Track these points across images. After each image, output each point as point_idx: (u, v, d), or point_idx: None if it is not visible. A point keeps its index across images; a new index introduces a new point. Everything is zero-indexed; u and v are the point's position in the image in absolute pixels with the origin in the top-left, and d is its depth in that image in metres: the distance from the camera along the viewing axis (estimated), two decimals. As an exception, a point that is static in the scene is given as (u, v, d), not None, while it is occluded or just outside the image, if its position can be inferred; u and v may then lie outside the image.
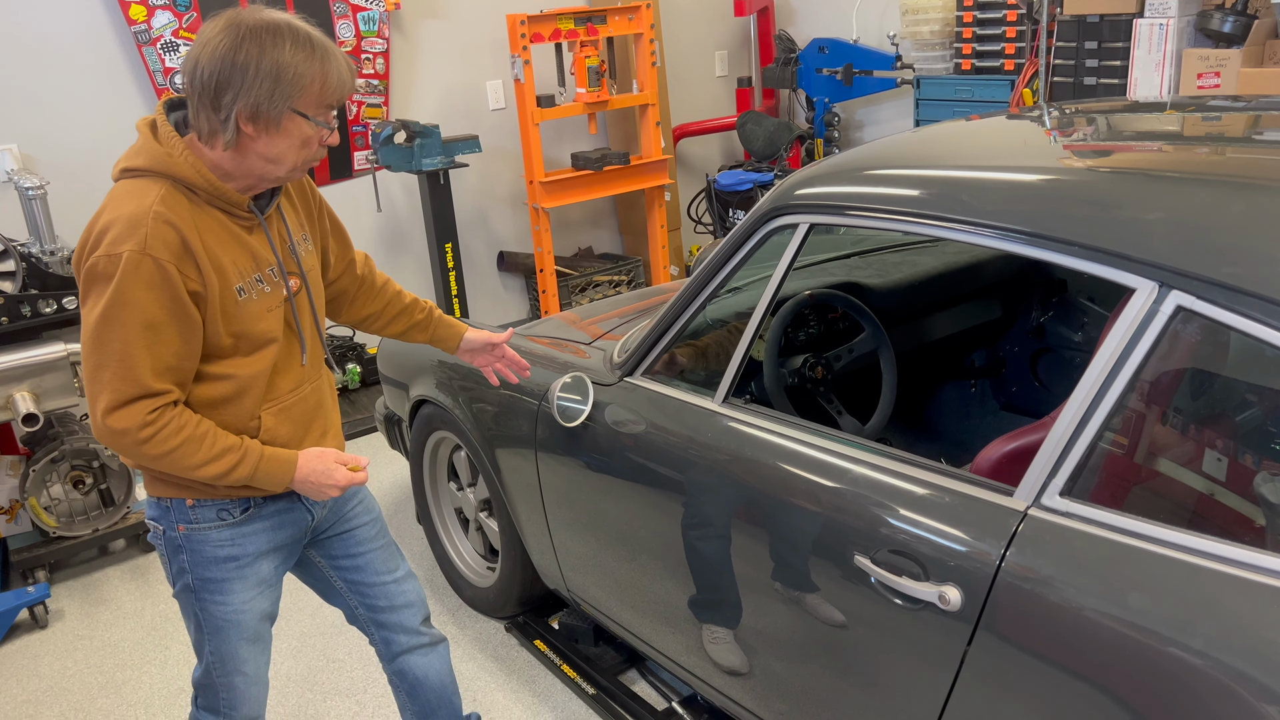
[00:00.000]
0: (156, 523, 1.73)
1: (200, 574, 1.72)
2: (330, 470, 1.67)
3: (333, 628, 2.90)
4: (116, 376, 1.49)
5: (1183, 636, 1.19)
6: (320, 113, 1.56)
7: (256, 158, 1.55)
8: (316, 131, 1.57)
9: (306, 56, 1.51)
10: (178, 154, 1.53)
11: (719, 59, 5.75)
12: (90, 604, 3.15)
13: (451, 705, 2.09)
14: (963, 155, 1.81)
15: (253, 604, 1.77)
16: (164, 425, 1.53)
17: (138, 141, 1.59)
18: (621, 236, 5.64)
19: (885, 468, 1.57)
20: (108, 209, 1.54)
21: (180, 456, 1.55)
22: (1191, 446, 1.40)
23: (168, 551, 1.74)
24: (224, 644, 1.78)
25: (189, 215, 1.53)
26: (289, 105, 1.51)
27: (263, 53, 1.49)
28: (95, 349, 1.50)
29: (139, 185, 1.54)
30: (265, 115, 1.51)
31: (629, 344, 2.21)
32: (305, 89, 1.52)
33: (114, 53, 3.98)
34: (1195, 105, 2.01)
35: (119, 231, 1.48)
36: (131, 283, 1.47)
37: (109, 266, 1.47)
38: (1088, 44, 3.82)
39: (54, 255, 3.20)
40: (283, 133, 1.54)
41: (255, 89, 1.49)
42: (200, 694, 1.85)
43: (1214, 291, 1.25)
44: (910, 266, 2.71)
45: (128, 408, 1.51)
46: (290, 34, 1.51)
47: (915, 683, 1.51)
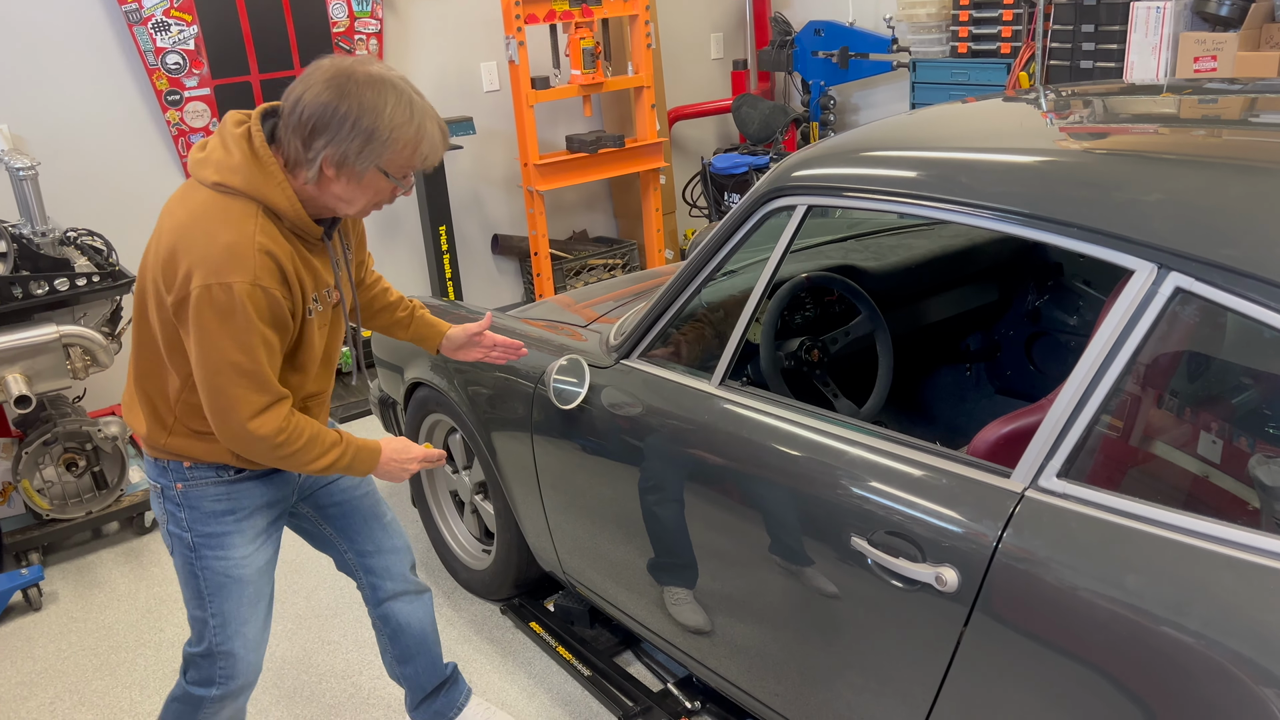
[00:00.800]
0: (155, 481, 1.80)
1: (200, 529, 1.77)
2: (407, 447, 1.83)
3: (328, 610, 2.90)
4: (250, 389, 1.59)
5: (1179, 617, 1.20)
6: (403, 174, 1.62)
7: (331, 196, 1.62)
8: (391, 187, 1.63)
9: (404, 122, 1.56)
10: (279, 181, 1.58)
11: (714, 41, 5.73)
12: (84, 586, 3.14)
13: (431, 652, 2.19)
14: (961, 137, 1.80)
15: (251, 558, 1.82)
16: (293, 428, 1.65)
17: (234, 153, 1.58)
18: (616, 220, 5.63)
19: (882, 449, 1.57)
20: (204, 229, 1.55)
21: (303, 453, 1.67)
22: (1189, 428, 1.41)
23: (167, 510, 1.79)
24: (226, 601, 1.81)
25: (282, 243, 1.60)
26: (375, 163, 1.57)
27: (363, 109, 1.53)
28: (220, 368, 1.57)
29: (233, 208, 1.57)
30: (351, 166, 1.57)
31: (625, 326, 2.20)
32: (396, 153, 1.57)
33: (105, 32, 3.94)
34: (1192, 88, 2.00)
35: (225, 261, 1.53)
36: (249, 310, 1.54)
37: (223, 295, 1.53)
38: (1084, 27, 3.81)
39: (45, 236, 3.18)
40: (363, 184, 1.60)
41: (348, 142, 1.54)
42: (192, 667, 1.87)
43: (1213, 273, 1.25)
44: (906, 250, 2.71)
45: (267, 413, 1.61)
46: (394, 95, 1.55)
47: (911, 663, 1.52)
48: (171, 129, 4.12)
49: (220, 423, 1.62)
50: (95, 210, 3.99)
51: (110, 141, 4.04)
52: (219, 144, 1.61)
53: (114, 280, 3.13)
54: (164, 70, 4.03)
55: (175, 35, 4.01)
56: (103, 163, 4.04)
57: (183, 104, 4.11)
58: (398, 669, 2.20)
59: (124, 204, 4.10)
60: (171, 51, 4.02)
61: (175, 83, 4.07)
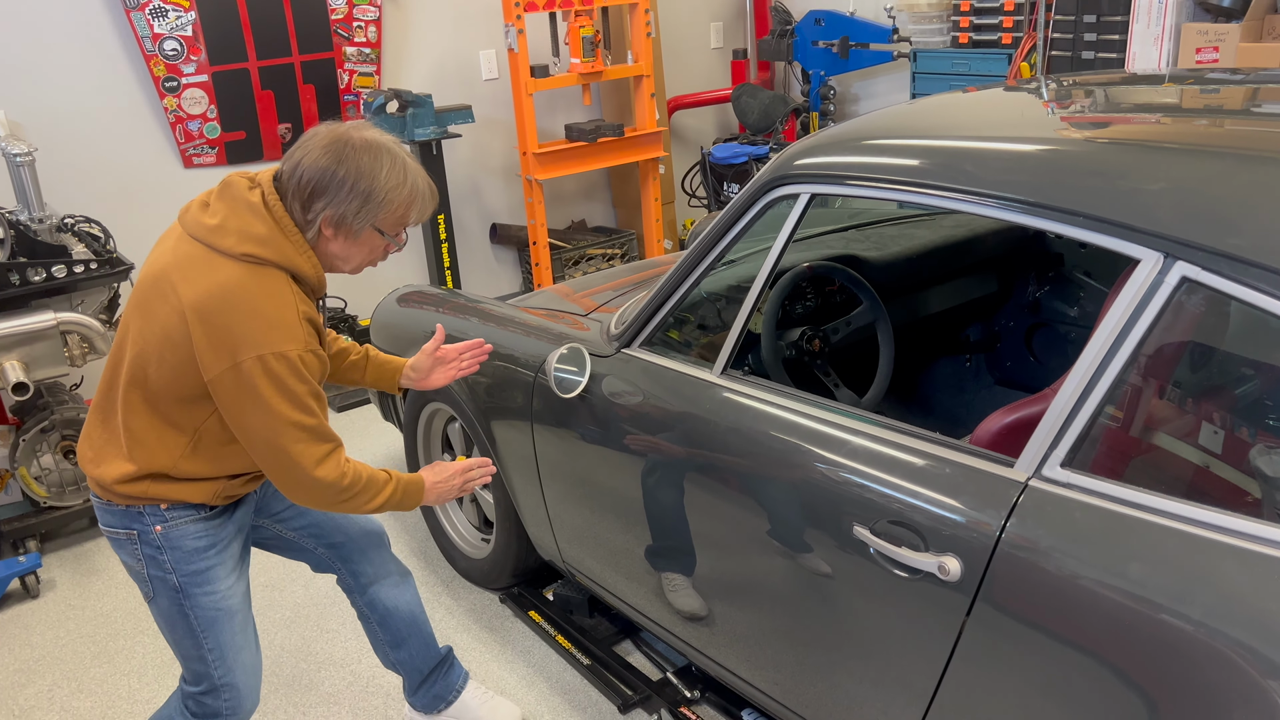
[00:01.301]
0: (128, 530, 1.75)
1: (184, 568, 1.77)
2: (445, 468, 1.90)
3: (326, 599, 2.90)
4: (311, 442, 1.66)
5: (1182, 606, 1.20)
6: (396, 231, 1.72)
7: (329, 255, 1.71)
8: (386, 244, 1.72)
9: (399, 184, 1.66)
10: (304, 252, 1.66)
11: (714, 31, 5.70)
12: (82, 574, 3.14)
13: (423, 632, 2.20)
14: (965, 126, 1.79)
15: (235, 586, 1.84)
16: (354, 472, 1.73)
17: (257, 226, 1.63)
18: (615, 209, 5.61)
19: (885, 438, 1.57)
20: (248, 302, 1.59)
21: (363, 494, 1.74)
22: (1192, 419, 1.41)
23: (144, 555, 1.76)
24: (221, 634, 1.82)
25: (308, 305, 1.69)
26: (371, 222, 1.66)
27: (359, 174, 1.62)
28: (281, 430, 1.63)
29: (267, 281, 1.62)
30: (348, 226, 1.66)
31: (626, 315, 2.20)
32: (391, 212, 1.67)
33: (102, 18, 3.91)
34: (1194, 78, 2.00)
35: (275, 333, 1.60)
36: (304, 372, 1.63)
37: (279, 365, 1.60)
38: (1086, 18, 3.80)
39: (43, 223, 3.16)
40: (359, 242, 1.70)
41: (346, 203, 1.63)
42: (194, 702, 1.86)
43: (1219, 262, 1.25)
44: (907, 240, 2.70)
45: (328, 461, 1.69)
46: (389, 159, 1.65)
47: (913, 653, 1.52)
48: (169, 115, 4.10)
49: (284, 478, 1.69)
50: (92, 197, 3.97)
51: (107, 128, 4.02)
52: (232, 211, 1.64)
53: (111, 267, 3.12)
54: (161, 57, 4.01)
55: (173, 21, 3.99)
56: (100, 149, 4.02)
57: (180, 90, 4.09)
58: (392, 655, 2.20)
59: (121, 191, 4.08)
60: (169, 38, 4.00)
61: (173, 69, 4.05)
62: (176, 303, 1.60)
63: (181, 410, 1.67)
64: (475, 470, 1.93)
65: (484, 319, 2.62)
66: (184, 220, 1.68)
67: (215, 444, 1.71)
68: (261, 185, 1.67)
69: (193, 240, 1.64)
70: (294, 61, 4.30)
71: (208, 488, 1.75)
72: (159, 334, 1.63)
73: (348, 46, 4.42)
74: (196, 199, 1.70)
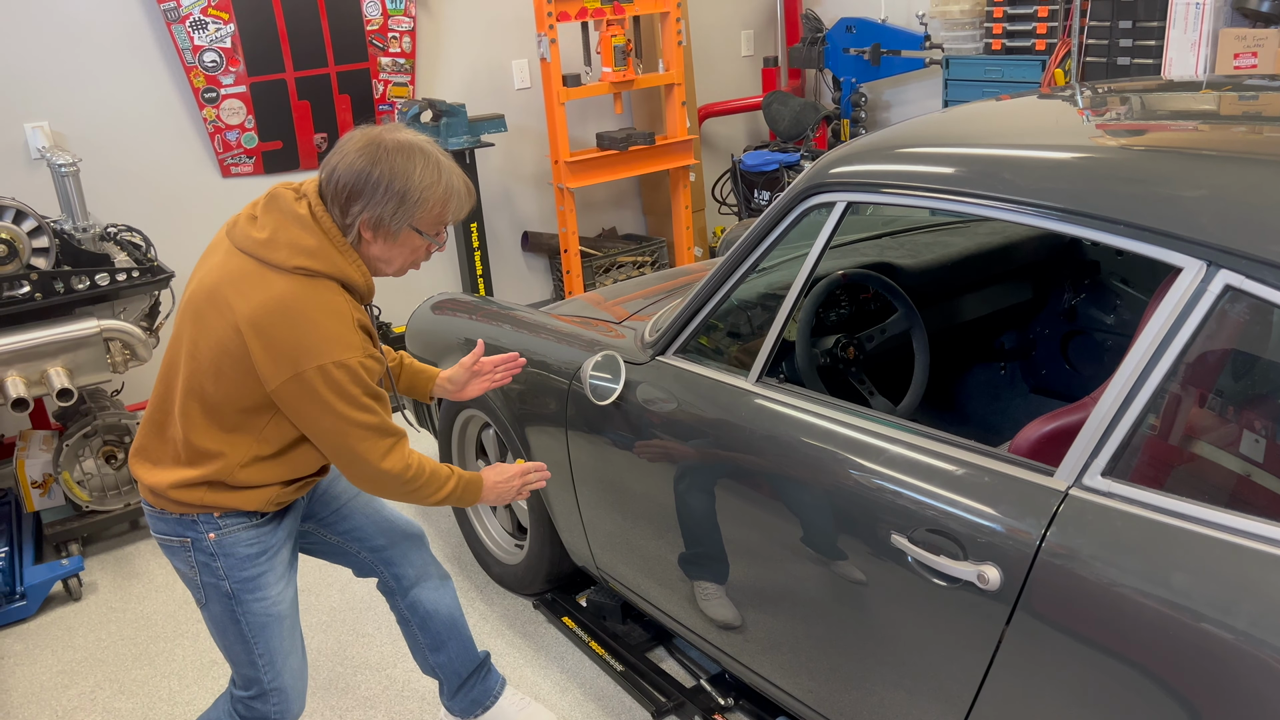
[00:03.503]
0: (181, 537, 1.78)
1: (237, 575, 1.80)
2: (503, 469, 1.94)
3: (362, 603, 2.93)
4: (375, 438, 1.71)
5: (1226, 616, 1.19)
6: (435, 230, 1.74)
7: (370, 258, 1.73)
8: (426, 244, 1.75)
9: (433, 182, 1.67)
10: (356, 261, 1.70)
11: (745, 38, 5.71)
12: (123, 577, 3.19)
13: (462, 635, 2.22)
14: (1001, 134, 1.79)
15: (285, 591, 1.87)
16: (418, 463, 1.77)
17: (306, 239, 1.66)
18: (645, 217, 5.63)
19: (922, 446, 1.57)
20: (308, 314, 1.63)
21: (428, 486, 1.79)
22: (1235, 428, 1.39)
23: (198, 561, 1.79)
24: (271, 640, 1.85)
25: (361, 312, 1.73)
26: (409, 223, 1.68)
27: (394, 174, 1.64)
28: (346, 432, 1.68)
29: (321, 292, 1.66)
30: (386, 227, 1.67)
31: (660, 323, 2.21)
32: (427, 211, 1.68)
33: (143, 30, 3.99)
34: (1233, 85, 1.98)
35: (334, 343, 1.64)
36: (364, 378, 1.68)
37: (340, 373, 1.64)
38: (1122, 23, 3.77)
39: (86, 232, 3.22)
40: (398, 243, 1.71)
41: (383, 205, 1.65)
42: (243, 707, 1.89)
43: (1264, 270, 1.24)
44: (942, 247, 2.69)
45: (393, 453, 1.73)
46: (422, 158, 1.66)
47: (951, 662, 1.51)
48: (208, 126, 4.17)
49: (353, 473, 1.75)
50: (134, 206, 4.04)
51: (148, 138, 4.09)
52: (281, 225, 1.66)
53: (153, 275, 3.17)
54: (201, 68, 4.08)
55: (212, 33, 4.05)
56: (141, 159, 4.09)
57: (219, 101, 4.15)
58: (431, 659, 2.21)
59: (162, 200, 4.15)
60: (208, 49, 4.07)
61: (212, 80, 4.11)
62: (231, 317, 1.63)
63: (243, 418, 1.70)
64: (533, 474, 1.96)
65: (517, 326, 2.64)
66: (232, 235, 1.70)
67: (274, 450, 1.75)
68: (308, 196, 1.69)
69: (243, 254, 1.67)
70: (330, 72, 4.36)
71: (261, 495, 1.77)
72: (215, 347, 1.66)
73: (382, 57, 4.48)
74: (243, 212, 1.72)
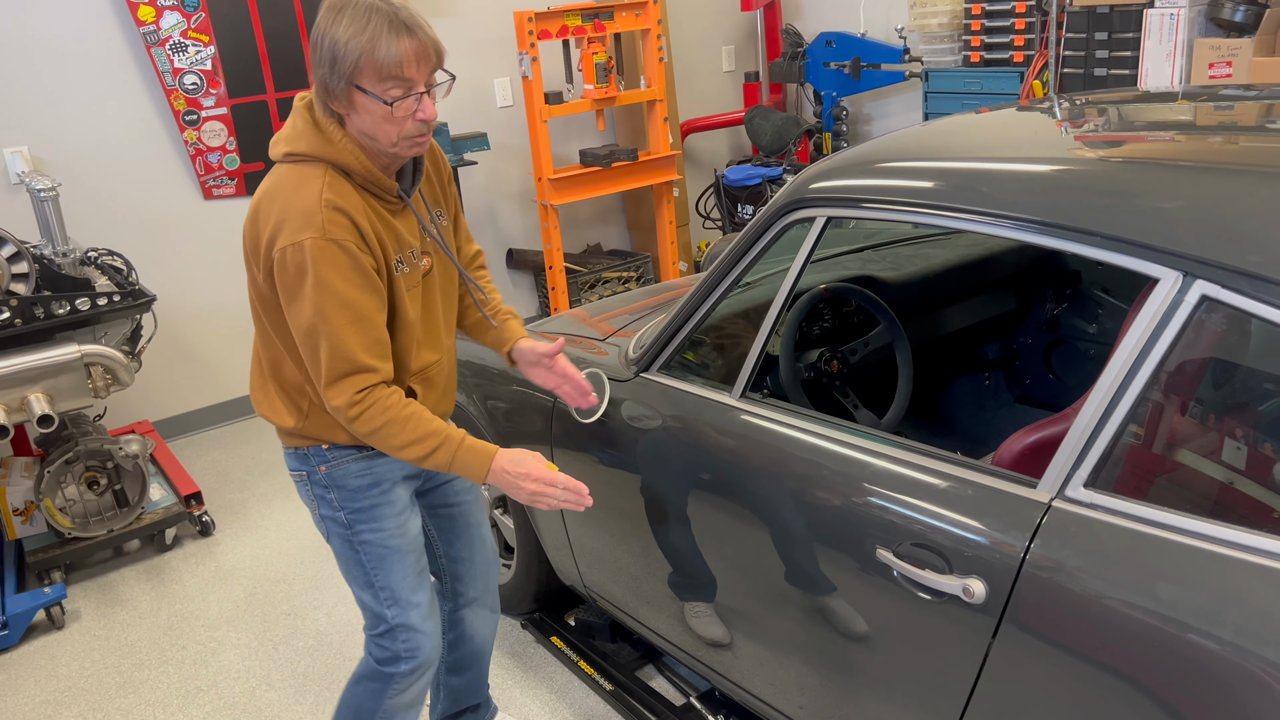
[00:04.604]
0: (299, 471, 1.80)
1: (350, 506, 1.78)
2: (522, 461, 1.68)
3: (348, 626, 2.91)
4: (329, 355, 1.57)
5: (1211, 626, 1.19)
6: (381, 87, 1.53)
7: (359, 134, 1.59)
8: (402, 104, 1.54)
9: (356, 32, 1.50)
10: (338, 140, 1.58)
11: (726, 54, 5.74)
12: (106, 604, 3.16)
13: (481, 669, 2.21)
14: (979, 147, 1.80)
15: (405, 527, 1.83)
16: (370, 405, 1.60)
17: (296, 123, 1.61)
18: (630, 233, 5.64)
19: (906, 460, 1.57)
20: (276, 197, 1.57)
21: (385, 436, 1.62)
22: (1215, 437, 1.40)
23: (315, 496, 1.80)
24: (391, 574, 1.81)
25: (353, 198, 1.59)
26: (350, 82, 1.52)
27: (322, 32, 1.52)
28: (307, 334, 1.58)
29: (302, 173, 1.58)
30: (336, 96, 1.55)
31: (644, 339, 2.21)
32: (356, 64, 1.51)
33: (123, 54, 3.98)
34: (1208, 95, 2.00)
35: (297, 222, 1.53)
36: (322, 266, 1.53)
37: (297, 255, 1.53)
38: (1098, 35, 3.81)
39: (66, 257, 3.21)
40: (361, 111, 1.55)
41: (321, 68, 1.54)
42: (375, 648, 1.87)
43: (1239, 280, 1.25)
44: (924, 260, 2.70)
45: (340, 383, 1.59)
46: (351, 9, 1.51)
47: (939, 675, 1.51)
48: (189, 148, 4.16)
49: (313, 388, 1.66)
50: (115, 230, 4.03)
51: (129, 162, 4.08)
52: (288, 121, 1.64)
53: (134, 299, 3.16)
54: (181, 90, 4.07)
55: (192, 56, 4.05)
56: (122, 183, 4.08)
57: (200, 124, 4.15)
58: (444, 677, 2.19)
59: (143, 223, 4.14)
60: (189, 72, 4.06)
61: (193, 103, 4.11)
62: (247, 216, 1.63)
63: (285, 337, 1.67)
64: (559, 490, 1.68)
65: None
66: None
67: None
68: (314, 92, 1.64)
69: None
70: (311, 93, 4.35)
71: None
72: (247, 255, 1.65)
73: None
74: None
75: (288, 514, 3.61)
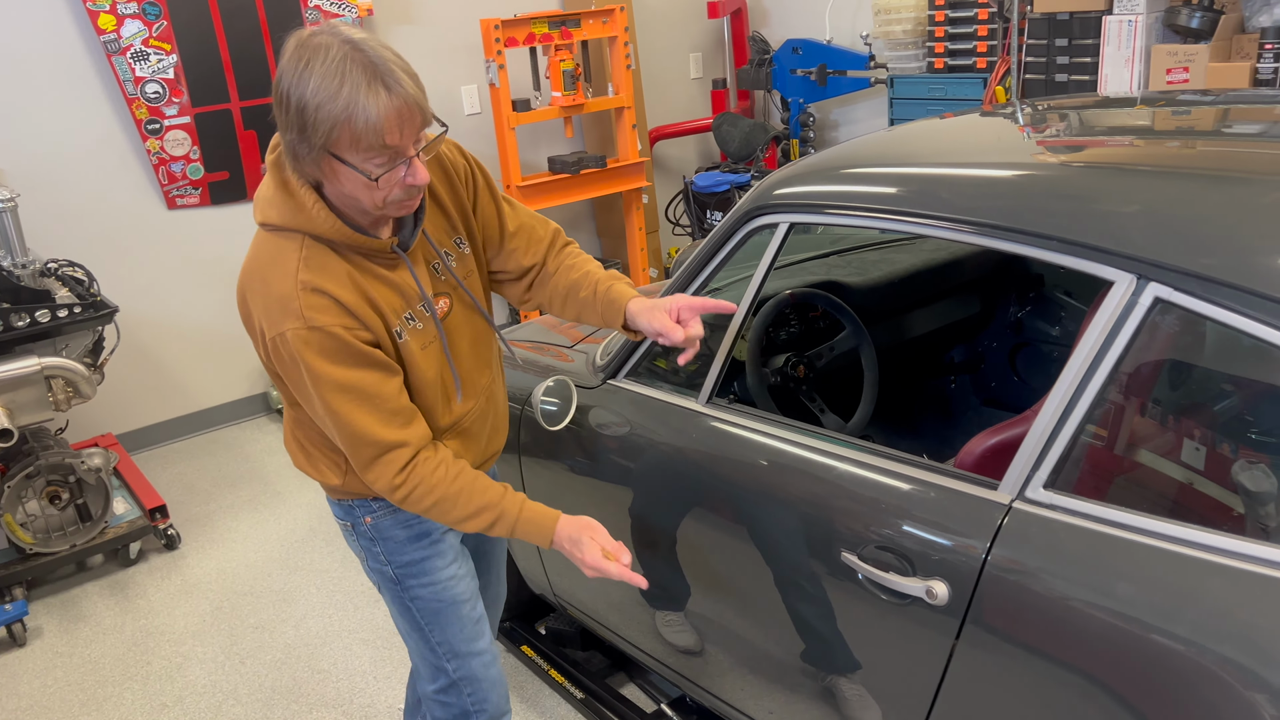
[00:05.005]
0: (344, 522, 1.70)
1: (399, 560, 1.67)
2: (582, 545, 1.54)
3: (317, 639, 2.88)
4: (350, 442, 1.47)
5: (1169, 624, 1.20)
6: (362, 158, 1.31)
7: (343, 196, 1.38)
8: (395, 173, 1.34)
9: (330, 93, 1.25)
10: (310, 207, 1.38)
11: (693, 61, 5.76)
12: (69, 621, 3.11)
13: None
14: (940, 152, 1.82)
15: (458, 576, 1.72)
16: (416, 485, 1.49)
17: (269, 185, 1.43)
18: (600, 239, 5.64)
19: (870, 464, 1.57)
20: (254, 278, 1.43)
21: (439, 514, 1.53)
22: (1172, 437, 1.42)
23: (363, 548, 1.70)
24: (448, 627, 1.70)
25: (335, 270, 1.40)
26: (323, 150, 1.30)
27: (289, 84, 1.28)
28: (322, 420, 1.48)
29: (277, 247, 1.41)
30: (303, 162, 1.33)
31: (611, 346, 2.20)
32: (329, 134, 1.28)
33: (83, 63, 3.93)
34: (1166, 100, 2.03)
35: (276, 312, 1.39)
36: (310, 358, 1.39)
37: (284, 347, 1.40)
38: (1058, 41, 3.85)
39: (25, 268, 3.16)
40: (338, 177, 1.34)
41: (289, 133, 1.31)
42: (440, 708, 1.76)
43: (1191, 283, 1.26)
44: (889, 264, 2.72)
45: (374, 467, 1.48)
46: (321, 61, 1.26)
47: (905, 677, 1.52)
48: (152, 158, 4.11)
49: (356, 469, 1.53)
50: (76, 240, 3.97)
51: (90, 171, 4.03)
52: (264, 179, 1.47)
53: (96, 311, 3.11)
54: (143, 99, 4.03)
55: (154, 64, 4.01)
56: (83, 193, 4.02)
57: (163, 133, 4.10)
58: None
59: (105, 234, 4.08)
60: (151, 80, 4.02)
61: (155, 111, 4.06)
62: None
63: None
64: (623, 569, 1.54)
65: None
66: None
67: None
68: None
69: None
70: (276, 101, 4.32)
71: None
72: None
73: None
74: None
75: (255, 526, 3.57)
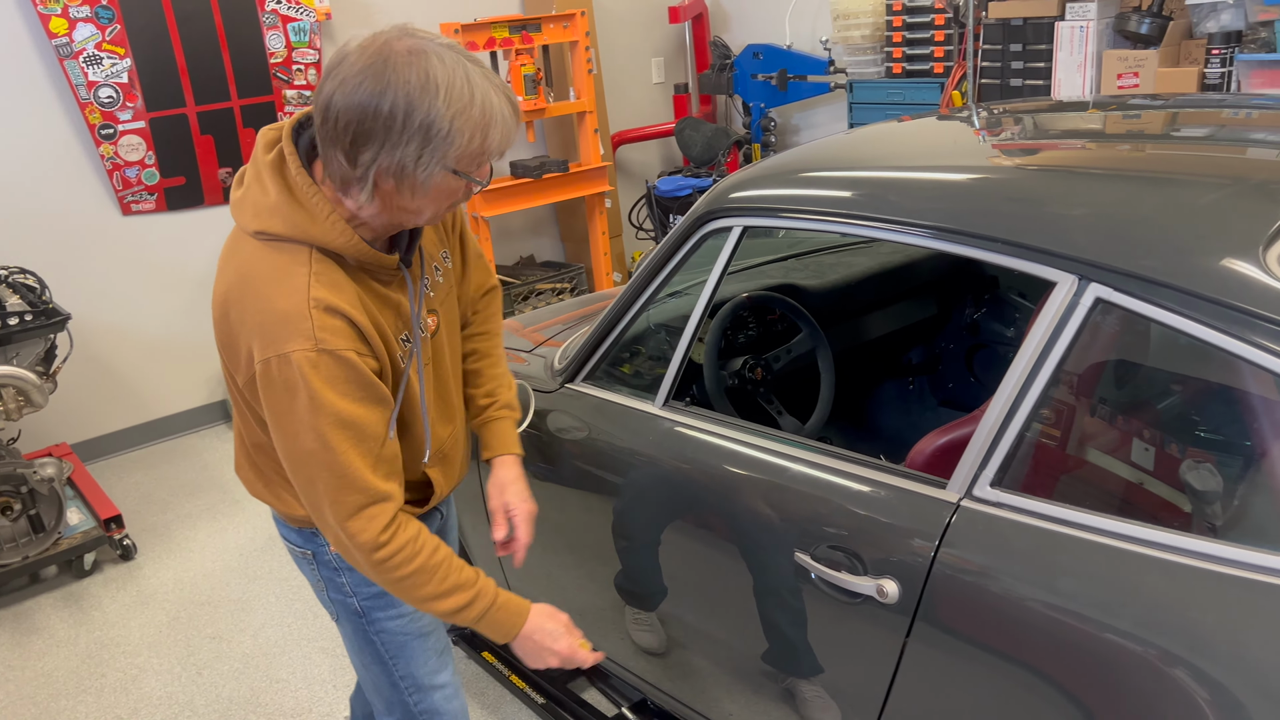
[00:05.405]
0: (303, 550, 1.58)
1: (366, 591, 1.57)
2: (558, 635, 1.52)
3: (275, 648, 2.85)
4: (335, 486, 1.32)
5: (1111, 619, 1.23)
6: (477, 166, 1.30)
7: (396, 209, 1.32)
8: (468, 184, 1.32)
9: (464, 106, 1.23)
10: (324, 218, 1.30)
11: (655, 66, 5.78)
12: (21, 633, 3.05)
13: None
14: (892, 156, 1.84)
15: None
16: (401, 547, 1.37)
17: (268, 190, 1.32)
18: (563, 244, 5.64)
19: (823, 465, 1.59)
20: (250, 291, 1.29)
21: (410, 586, 1.40)
22: (1115, 435, 1.44)
23: (324, 578, 1.58)
24: (412, 660, 1.63)
25: (346, 289, 1.31)
26: (442, 165, 1.26)
27: (411, 103, 1.21)
28: (301, 462, 1.31)
29: (281, 259, 1.30)
30: (412, 177, 1.26)
31: (569, 350, 2.21)
32: (463, 146, 1.25)
33: (33, 66, 3.87)
34: (1116, 104, 2.06)
35: (280, 330, 1.26)
36: (316, 384, 1.26)
37: (284, 370, 1.26)
38: (1013, 46, 3.91)
39: (-25, 275, 3.11)
40: (432, 192, 1.29)
41: (401, 148, 1.23)
42: None
43: (1131, 283, 1.29)
44: (846, 267, 2.75)
45: (358, 517, 1.34)
46: (444, 73, 1.23)
47: (858, 675, 1.53)
48: (105, 163, 4.05)
49: (318, 521, 1.37)
50: (28, 247, 3.91)
51: (41, 177, 3.96)
52: (254, 177, 1.34)
53: (48, 318, 3.07)
54: (97, 104, 3.97)
55: (108, 69, 3.95)
56: (34, 199, 3.96)
57: (116, 138, 4.05)
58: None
59: (57, 240, 4.02)
60: (104, 85, 3.97)
61: (109, 116, 4.01)
62: (213, 297, 1.35)
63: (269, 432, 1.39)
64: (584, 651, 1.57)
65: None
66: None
67: None
68: (283, 136, 1.35)
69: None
70: (233, 106, 4.28)
71: None
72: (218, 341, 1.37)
73: (287, 89, 4.42)
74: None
75: (212, 535, 3.53)
